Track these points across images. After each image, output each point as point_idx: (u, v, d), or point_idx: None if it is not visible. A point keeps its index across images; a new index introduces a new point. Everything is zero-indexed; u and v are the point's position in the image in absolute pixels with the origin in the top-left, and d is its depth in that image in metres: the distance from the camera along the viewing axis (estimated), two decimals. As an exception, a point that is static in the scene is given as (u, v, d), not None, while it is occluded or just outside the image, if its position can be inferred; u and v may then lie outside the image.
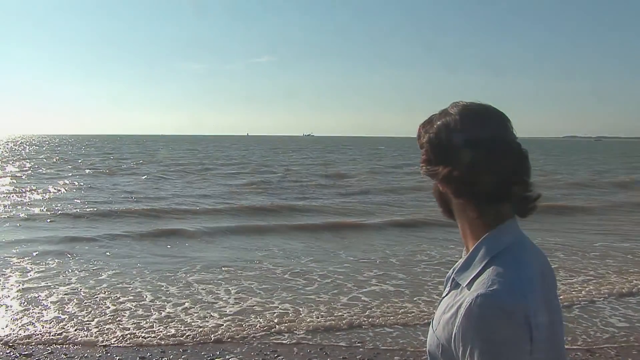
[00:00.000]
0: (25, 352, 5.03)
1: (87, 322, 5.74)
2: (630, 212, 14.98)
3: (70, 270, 7.86)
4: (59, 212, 13.42)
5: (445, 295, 1.18)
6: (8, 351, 5.05)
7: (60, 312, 6.07)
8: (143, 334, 5.43)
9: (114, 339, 5.31)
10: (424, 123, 1.22)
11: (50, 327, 5.60)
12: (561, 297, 6.68)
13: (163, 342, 5.26)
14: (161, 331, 5.52)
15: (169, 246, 9.83)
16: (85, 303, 6.38)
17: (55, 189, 19.05)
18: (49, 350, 5.09)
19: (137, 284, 7.19)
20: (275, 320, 5.87)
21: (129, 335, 5.40)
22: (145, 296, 6.68)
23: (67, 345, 5.17)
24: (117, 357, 4.92)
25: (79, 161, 36.49)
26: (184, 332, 5.52)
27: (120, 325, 5.65)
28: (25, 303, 6.39)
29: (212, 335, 5.44)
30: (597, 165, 39.08)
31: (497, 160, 1.09)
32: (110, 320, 5.80)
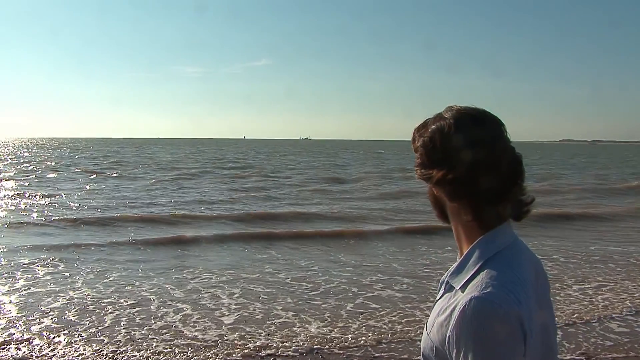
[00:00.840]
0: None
1: (84, 331, 5.67)
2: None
3: (70, 277, 7.81)
4: (58, 217, 13.29)
5: (439, 298, 1.19)
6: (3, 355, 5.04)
7: (58, 320, 5.98)
8: (139, 347, 5.31)
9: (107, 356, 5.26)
10: (418, 127, 1.24)
11: (46, 336, 5.55)
12: (562, 307, 6.67)
13: (161, 356, 5.17)
14: (158, 341, 5.44)
15: (169, 252, 9.77)
16: (85, 310, 6.33)
17: (53, 193, 18.90)
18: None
19: (137, 291, 7.15)
20: (276, 329, 5.83)
21: (129, 349, 5.35)
22: (149, 302, 6.64)
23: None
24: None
25: (78, 165, 36.35)
26: (182, 341, 5.46)
27: (114, 339, 5.47)
28: (23, 310, 6.34)
29: (212, 344, 5.42)
30: (600, 169, 39.07)
31: (497, 161, 1.10)
32: (107, 331, 5.68)
